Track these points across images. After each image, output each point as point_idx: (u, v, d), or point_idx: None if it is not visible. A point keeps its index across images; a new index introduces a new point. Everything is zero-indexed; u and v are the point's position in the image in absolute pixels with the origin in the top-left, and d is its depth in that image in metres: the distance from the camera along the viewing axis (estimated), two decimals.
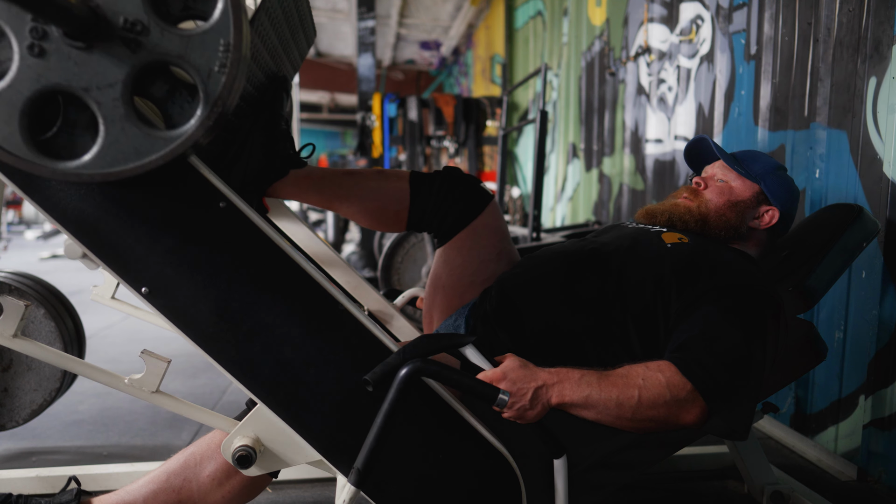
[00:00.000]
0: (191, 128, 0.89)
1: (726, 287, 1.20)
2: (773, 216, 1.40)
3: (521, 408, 1.04)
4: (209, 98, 0.88)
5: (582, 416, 1.08)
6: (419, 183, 1.37)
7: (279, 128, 1.28)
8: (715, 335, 1.12)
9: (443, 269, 1.43)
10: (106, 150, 0.88)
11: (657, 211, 1.43)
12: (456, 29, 10.06)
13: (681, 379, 1.06)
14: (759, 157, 1.46)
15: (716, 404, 1.07)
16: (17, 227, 12.39)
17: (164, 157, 0.89)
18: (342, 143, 17.49)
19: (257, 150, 1.24)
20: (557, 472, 1.11)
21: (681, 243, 1.30)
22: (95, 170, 0.89)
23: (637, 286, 1.25)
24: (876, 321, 1.80)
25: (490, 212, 1.40)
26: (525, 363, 1.07)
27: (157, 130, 0.89)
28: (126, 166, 0.89)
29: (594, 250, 1.33)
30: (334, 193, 1.38)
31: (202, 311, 1.04)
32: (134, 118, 0.87)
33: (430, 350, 1.02)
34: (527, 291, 1.31)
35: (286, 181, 1.33)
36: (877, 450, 1.82)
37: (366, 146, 6.31)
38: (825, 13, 2.00)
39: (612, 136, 3.99)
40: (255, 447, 1.11)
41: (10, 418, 1.86)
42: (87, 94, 0.86)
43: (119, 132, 0.88)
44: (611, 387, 1.06)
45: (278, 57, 1.35)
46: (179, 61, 0.87)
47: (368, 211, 1.39)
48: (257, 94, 1.26)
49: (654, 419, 1.06)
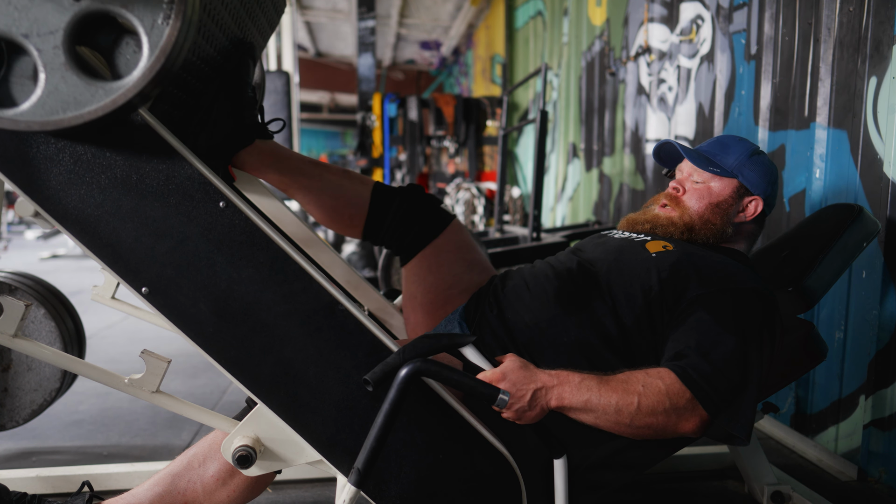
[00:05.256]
0: (132, 79, 0.87)
1: (718, 292, 1.19)
2: (757, 206, 1.37)
3: (520, 409, 1.04)
4: (153, 49, 0.86)
5: (580, 419, 1.07)
6: (380, 195, 1.38)
7: (245, 94, 1.26)
8: (711, 343, 1.11)
9: (417, 287, 1.44)
10: (45, 98, 0.87)
11: (639, 221, 1.41)
12: (456, 29, 10.06)
13: (680, 387, 1.06)
14: (729, 145, 1.40)
15: (716, 413, 1.07)
16: (17, 227, 12.39)
17: (105, 107, 0.87)
18: (342, 143, 17.49)
19: (222, 116, 1.23)
20: (557, 472, 1.11)
21: (665, 251, 1.28)
22: (33, 118, 0.87)
23: (627, 299, 1.24)
24: (876, 321, 1.80)
25: (452, 230, 1.41)
26: (525, 364, 1.07)
27: (98, 80, 0.87)
28: (65, 115, 0.87)
29: (582, 267, 1.32)
30: (294, 178, 1.37)
31: (202, 310, 1.04)
32: (75, 67, 0.86)
33: (430, 350, 1.02)
34: (517, 308, 1.31)
35: (250, 151, 1.31)
36: (877, 450, 1.81)
37: (366, 146, 6.32)
38: (825, 13, 2.00)
39: (612, 136, 3.99)
40: (255, 447, 1.11)
41: (10, 418, 1.86)
42: (27, 41, 0.85)
43: (59, 80, 0.86)
44: (611, 392, 1.05)
45: (242, 22, 1.32)
46: (122, 11, 0.85)
47: (324, 206, 1.39)
48: (221, 60, 1.24)
49: (653, 426, 1.06)
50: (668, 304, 1.21)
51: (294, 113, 5.81)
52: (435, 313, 1.45)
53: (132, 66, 0.88)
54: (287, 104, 5.53)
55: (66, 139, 0.99)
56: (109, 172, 1.00)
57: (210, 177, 1.02)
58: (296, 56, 6.58)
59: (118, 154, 1.00)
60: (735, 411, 1.08)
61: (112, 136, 0.99)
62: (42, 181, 0.99)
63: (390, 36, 10.90)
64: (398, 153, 6.33)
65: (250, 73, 1.28)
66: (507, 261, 2.84)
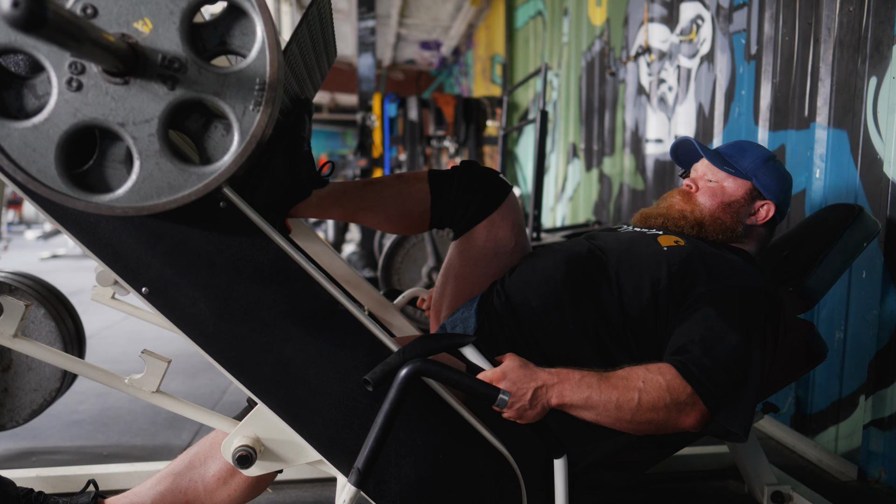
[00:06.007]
0: (224, 164, 0.90)
1: (724, 289, 1.19)
2: (769, 210, 1.39)
3: (521, 408, 1.04)
4: (244, 135, 0.88)
5: (581, 417, 1.07)
6: (439, 181, 1.36)
7: (301, 150, 1.28)
8: (714, 338, 1.11)
9: (457, 259, 1.43)
10: (140, 184, 0.89)
11: (652, 215, 1.43)
12: (456, 29, 10.06)
13: (681, 382, 1.06)
14: (746, 149, 1.43)
15: (716, 408, 1.07)
16: (17, 227, 12.39)
17: (198, 192, 0.90)
18: (342, 143, 17.49)
19: (280, 172, 1.25)
20: (557, 472, 1.11)
21: (677, 246, 1.29)
22: (129, 203, 0.90)
23: (634, 290, 1.25)
24: (876, 321, 1.80)
25: (508, 204, 1.39)
26: (525, 363, 1.07)
27: (191, 166, 0.90)
28: (159, 200, 0.90)
29: (592, 253, 1.33)
30: (357, 206, 1.38)
31: (202, 310, 1.04)
32: (169, 153, 0.88)
33: (430, 350, 1.02)
34: (525, 293, 1.31)
35: (309, 202, 1.33)
36: (877, 450, 1.82)
37: (366, 146, 6.32)
38: (826, 13, 2.00)
39: (612, 136, 3.99)
40: (255, 447, 1.11)
41: (10, 418, 1.86)
42: (123, 129, 0.87)
43: (153, 167, 0.89)
44: (611, 388, 1.05)
45: (303, 81, 1.35)
46: (215, 99, 0.87)
47: (392, 218, 1.39)
48: (281, 118, 1.26)
49: (653, 422, 1.06)
50: (675, 298, 1.22)
51: None
52: (464, 289, 1.43)
53: (222, 149, 0.91)
54: None
55: None
56: None
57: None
58: None
59: None
60: (734, 407, 1.09)
61: None
62: None
63: (390, 36, 10.90)
64: (398, 153, 6.32)
65: (307, 128, 1.29)
66: None
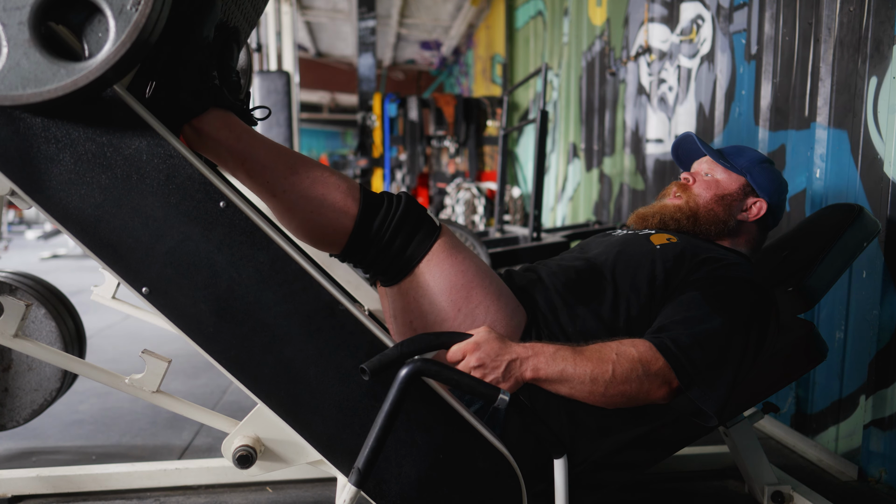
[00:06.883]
0: (95, 62, 0.86)
1: (713, 277, 1.21)
2: (761, 208, 1.42)
3: (494, 379, 1.04)
4: (119, 35, 0.85)
5: (556, 391, 1.08)
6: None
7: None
8: (695, 319, 1.13)
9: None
10: (5, 73, 0.86)
11: (648, 214, 1.46)
12: (456, 29, 10.06)
13: (654, 354, 1.07)
14: (744, 151, 1.49)
15: (688, 384, 1.08)
16: (17, 227, 12.39)
17: (65, 87, 0.86)
18: (342, 143, 17.49)
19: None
20: (557, 472, 1.11)
21: (670, 243, 1.32)
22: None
23: (632, 290, 1.26)
24: (876, 321, 1.80)
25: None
26: (500, 336, 1.07)
27: (62, 60, 0.86)
28: (24, 91, 0.86)
29: (588, 262, 1.34)
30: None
31: (202, 310, 1.04)
32: (38, 44, 0.85)
33: (427, 345, 1.03)
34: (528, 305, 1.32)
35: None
36: (877, 450, 1.81)
37: (366, 146, 6.32)
38: (826, 13, 2.00)
39: (612, 136, 3.99)
40: (255, 447, 1.11)
41: (10, 418, 1.86)
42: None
43: (21, 57, 0.85)
44: (585, 361, 1.06)
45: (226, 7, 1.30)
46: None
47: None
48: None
49: (626, 394, 1.07)
50: (669, 290, 1.24)
51: (294, 113, 5.81)
52: None
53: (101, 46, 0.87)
54: (287, 104, 5.53)
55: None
56: (110, 172, 1.00)
57: (210, 177, 1.02)
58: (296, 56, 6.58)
59: (117, 152, 1.00)
60: (708, 387, 1.08)
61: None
62: (42, 181, 0.99)
63: (390, 36, 10.90)
64: (398, 153, 6.33)
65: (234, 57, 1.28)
66: (508, 261, 2.84)
